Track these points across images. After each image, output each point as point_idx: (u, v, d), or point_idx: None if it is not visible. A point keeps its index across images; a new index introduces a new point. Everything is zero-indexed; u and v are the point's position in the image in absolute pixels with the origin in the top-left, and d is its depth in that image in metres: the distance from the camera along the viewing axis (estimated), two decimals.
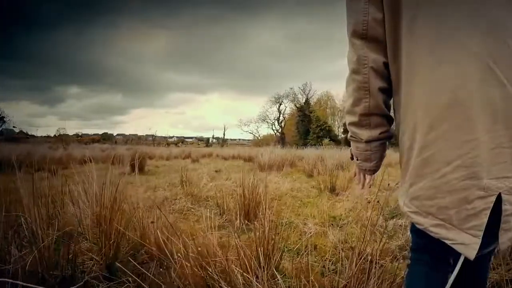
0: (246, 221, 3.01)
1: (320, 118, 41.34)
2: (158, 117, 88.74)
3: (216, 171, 8.32)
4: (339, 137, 40.73)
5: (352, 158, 1.09)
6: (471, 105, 0.70)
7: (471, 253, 0.72)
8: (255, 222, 2.95)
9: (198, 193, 4.53)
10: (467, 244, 0.72)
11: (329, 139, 33.61)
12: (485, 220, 0.70)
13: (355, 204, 3.70)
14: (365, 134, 0.95)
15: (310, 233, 2.62)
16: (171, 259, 1.77)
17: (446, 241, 0.75)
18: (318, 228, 2.69)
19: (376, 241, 1.91)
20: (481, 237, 0.71)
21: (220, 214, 3.42)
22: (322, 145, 24.35)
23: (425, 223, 0.78)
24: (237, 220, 3.07)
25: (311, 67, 70.27)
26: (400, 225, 2.64)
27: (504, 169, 0.70)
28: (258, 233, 1.91)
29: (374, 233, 2.51)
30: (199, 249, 1.80)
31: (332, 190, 4.56)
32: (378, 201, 3.58)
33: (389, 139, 0.99)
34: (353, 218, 2.96)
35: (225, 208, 3.42)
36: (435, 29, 0.74)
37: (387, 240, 2.35)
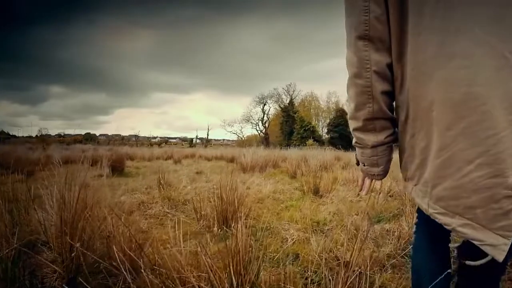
0: (224, 227, 2.80)
1: (304, 119, 41.49)
2: (142, 117, 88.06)
3: (197, 173, 8.08)
4: (323, 138, 40.97)
5: (358, 164, 1.06)
6: (489, 99, 0.67)
7: (500, 255, 0.70)
8: (233, 228, 2.77)
9: (176, 197, 4.31)
10: (496, 245, 0.70)
11: (313, 140, 33.67)
12: None
13: (340, 206, 3.54)
14: (371, 139, 0.93)
15: (292, 239, 2.43)
16: (137, 273, 1.57)
17: (474, 242, 0.73)
18: (301, 234, 2.50)
19: (363, 249, 1.74)
20: (511, 238, 0.69)
21: (197, 220, 3.20)
22: (306, 145, 24.36)
23: (452, 223, 0.77)
24: (214, 226, 2.86)
25: (295, 68, 70.82)
26: (387, 230, 2.48)
27: None
28: (233, 243, 1.70)
29: (360, 239, 2.36)
30: (168, 262, 1.60)
31: (316, 192, 4.39)
32: (368, 210, 3.47)
33: (395, 142, 0.97)
34: (338, 223, 2.79)
35: (203, 213, 3.20)
36: (444, 21, 0.71)
37: (375, 248, 2.19)
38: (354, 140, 1.00)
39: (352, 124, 0.96)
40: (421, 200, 0.87)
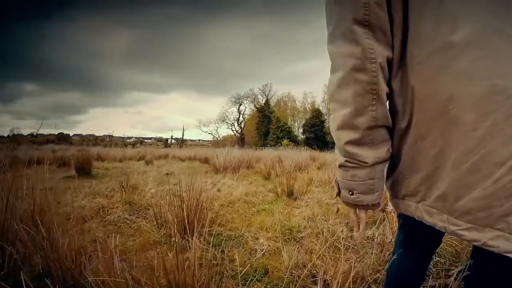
0: (186, 236, 2.48)
1: (281, 119, 41.56)
2: (117, 117, 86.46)
3: (167, 174, 7.67)
4: (299, 138, 41.19)
5: (339, 193, 0.86)
6: None
7: None
8: (194, 238, 2.45)
9: (139, 201, 3.96)
10: None
11: (288, 140, 33.70)
12: None
13: (315, 210, 3.29)
14: (370, 155, 0.76)
15: (262, 250, 2.15)
16: None
17: (508, 255, 0.64)
18: (272, 244, 2.22)
19: (341, 260, 1.48)
20: None
21: (158, 227, 2.86)
22: (282, 145, 24.32)
23: (482, 238, 0.67)
24: (176, 235, 2.53)
25: (272, 68, 71.04)
26: (368, 238, 2.24)
27: None
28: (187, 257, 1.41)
29: (338, 248, 2.11)
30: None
31: (290, 194, 4.13)
32: (338, 210, 3.22)
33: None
34: (313, 229, 2.52)
35: (164, 219, 2.87)
36: (452, 5, 0.65)
37: (354, 261, 1.94)
38: (342, 160, 0.80)
39: (344, 137, 0.77)
40: (436, 218, 0.74)
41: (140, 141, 57.21)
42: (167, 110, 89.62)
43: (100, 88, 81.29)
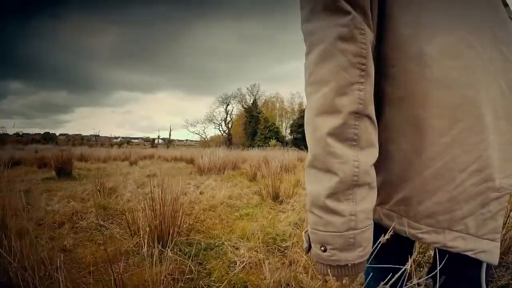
0: (159, 246, 2.25)
1: (269, 119, 41.48)
2: (104, 116, 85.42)
3: (149, 175, 7.39)
4: (287, 138, 41.26)
5: (309, 250, 0.67)
6: (480, 102, 0.63)
7: (495, 259, 0.66)
8: (167, 250, 2.22)
9: (115, 205, 3.71)
10: (488, 251, 0.65)
11: (276, 140, 33.65)
12: (501, 221, 0.66)
13: (302, 215, 3.10)
14: (349, 155, 0.59)
15: (242, 262, 1.93)
16: None
17: (467, 253, 0.65)
18: (253, 255, 2.00)
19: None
20: (499, 240, 0.66)
21: (131, 235, 2.62)
22: (269, 146, 24.21)
23: (441, 240, 0.67)
24: (147, 245, 2.29)
25: (260, 68, 71.05)
26: None
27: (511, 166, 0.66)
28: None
29: None
30: None
31: (276, 197, 3.93)
32: None
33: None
34: (299, 238, 2.32)
35: (137, 226, 2.62)
36: (438, 17, 0.63)
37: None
38: (311, 172, 0.63)
39: (323, 125, 0.59)
40: (395, 222, 0.72)
41: (127, 141, 56.85)
42: (155, 110, 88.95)
43: (87, 87, 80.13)
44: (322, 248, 0.61)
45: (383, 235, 0.70)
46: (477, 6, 0.66)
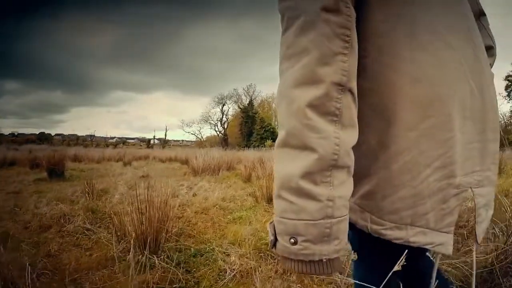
0: (146, 252, 2.13)
1: (265, 120, 41.42)
2: (100, 116, 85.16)
3: (142, 176, 7.28)
4: None
5: (275, 244, 0.56)
6: (451, 101, 0.63)
7: (449, 250, 0.65)
8: (155, 256, 2.11)
9: (104, 208, 3.59)
10: (444, 243, 0.65)
11: (272, 141, 33.55)
12: (457, 215, 0.65)
13: None
14: (343, 137, 0.54)
15: (233, 270, 1.82)
16: None
17: (426, 246, 0.64)
18: (245, 262, 1.89)
19: (325, 284, 1.18)
20: (453, 232, 0.65)
21: (118, 240, 2.50)
22: (265, 146, 24.13)
23: (404, 236, 0.64)
24: (134, 251, 2.17)
25: (256, 68, 71.03)
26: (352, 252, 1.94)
27: (473, 164, 0.68)
28: None
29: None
30: None
31: (270, 199, 3.81)
32: None
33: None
34: None
35: (124, 232, 2.51)
36: (419, 13, 0.63)
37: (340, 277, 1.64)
38: (283, 151, 0.56)
39: (302, 95, 0.53)
40: (358, 216, 0.69)
41: (123, 141, 56.66)
42: (151, 110, 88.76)
43: (83, 87, 79.84)
44: (292, 240, 0.53)
45: (399, 261, 0.67)
46: (456, 7, 0.67)
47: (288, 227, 0.53)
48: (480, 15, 0.80)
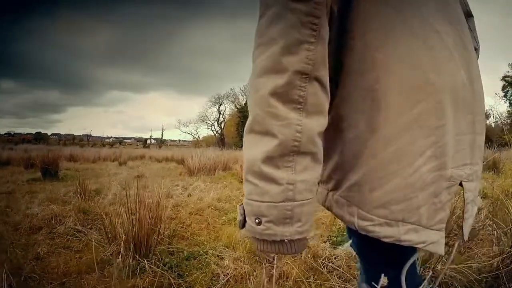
0: (137, 256, 2.06)
1: None
2: (97, 116, 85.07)
3: (138, 176, 7.18)
4: None
5: (243, 225, 0.59)
6: (442, 88, 0.61)
7: (441, 249, 0.63)
8: (146, 260, 2.03)
9: (95, 209, 3.50)
10: (436, 242, 0.62)
11: None
12: (448, 211, 0.63)
13: None
14: (307, 124, 0.55)
15: (227, 275, 1.75)
16: None
17: (419, 246, 0.61)
18: (239, 267, 1.82)
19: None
20: (444, 230, 0.63)
21: (109, 242, 2.42)
22: None
23: (395, 233, 0.60)
24: (124, 254, 2.10)
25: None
26: (355, 257, 1.88)
27: (463, 156, 0.66)
28: None
29: (319, 272, 1.74)
30: None
31: None
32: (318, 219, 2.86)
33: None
34: None
35: (115, 233, 2.43)
36: None
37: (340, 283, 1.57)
38: (249, 137, 0.58)
39: (263, 85, 0.54)
40: (345, 210, 0.65)
41: (120, 141, 56.54)
42: (148, 110, 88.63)
43: (80, 86, 79.59)
44: (257, 221, 0.56)
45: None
46: None
47: (254, 208, 0.56)
48: (467, 16, 0.78)
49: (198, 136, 47.73)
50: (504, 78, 33.29)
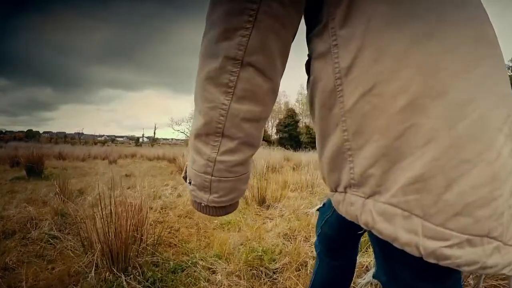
0: (114, 269, 1.76)
1: None
2: (89, 114, 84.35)
3: (126, 175, 6.86)
4: (272, 138, 41.16)
5: (185, 178, 0.65)
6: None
7: None
8: (124, 275, 1.74)
9: (74, 211, 3.19)
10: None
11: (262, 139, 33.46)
12: None
13: (292, 223, 2.65)
14: (220, 98, 0.54)
15: None
16: None
17: (504, 271, 0.44)
18: (233, 283, 1.54)
19: None
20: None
21: (85, 251, 2.12)
22: None
23: (481, 257, 0.42)
24: (102, 266, 1.80)
25: None
26: (362, 266, 1.62)
27: None
28: None
29: None
30: None
31: (262, 201, 3.47)
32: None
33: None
34: (292, 256, 1.85)
35: (91, 240, 2.13)
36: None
37: None
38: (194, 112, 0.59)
39: (202, 67, 0.54)
40: (401, 225, 0.45)
41: (112, 139, 55.98)
42: (141, 109, 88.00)
43: (72, 85, 78.90)
44: (189, 181, 0.62)
45: None
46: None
47: (189, 171, 0.62)
48: None
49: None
50: None
